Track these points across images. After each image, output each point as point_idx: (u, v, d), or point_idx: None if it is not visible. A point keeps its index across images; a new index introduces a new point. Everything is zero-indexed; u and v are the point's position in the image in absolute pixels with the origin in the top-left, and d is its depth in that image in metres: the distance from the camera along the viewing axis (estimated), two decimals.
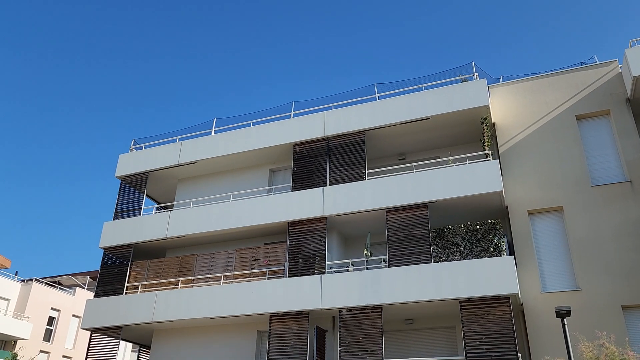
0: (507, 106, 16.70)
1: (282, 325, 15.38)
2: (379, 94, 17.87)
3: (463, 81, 16.85)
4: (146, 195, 20.55)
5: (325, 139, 17.71)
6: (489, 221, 14.80)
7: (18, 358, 25.62)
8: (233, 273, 16.99)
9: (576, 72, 16.40)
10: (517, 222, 15.01)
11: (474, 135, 16.87)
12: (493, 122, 16.54)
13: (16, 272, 36.61)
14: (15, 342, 32.41)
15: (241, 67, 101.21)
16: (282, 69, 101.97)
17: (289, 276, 15.92)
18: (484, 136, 15.73)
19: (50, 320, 35.24)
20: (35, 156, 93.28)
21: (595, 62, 16.39)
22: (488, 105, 15.79)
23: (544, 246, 14.77)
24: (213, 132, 20.13)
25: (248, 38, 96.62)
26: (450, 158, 16.27)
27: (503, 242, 14.40)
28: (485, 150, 15.50)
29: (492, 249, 14.32)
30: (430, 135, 17.24)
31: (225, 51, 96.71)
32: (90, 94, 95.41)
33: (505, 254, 14.22)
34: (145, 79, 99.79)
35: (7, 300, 33.73)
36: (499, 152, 16.12)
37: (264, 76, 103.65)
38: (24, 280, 35.38)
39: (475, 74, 16.75)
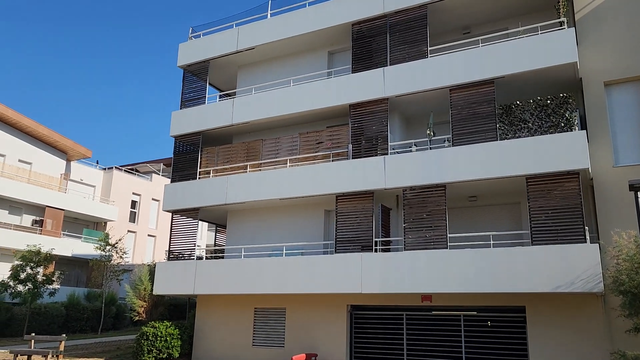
0: None
1: (348, 204, 16.03)
2: None
3: None
4: (209, 83, 20.87)
5: (384, 16, 16.90)
6: (561, 95, 14.12)
7: (110, 237, 28.48)
8: (298, 156, 17.52)
9: None
10: (591, 94, 14.20)
11: (547, 1, 15.52)
12: None
13: (97, 161, 39.45)
14: (105, 223, 35.87)
15: None
16: None
17: (352, 158, 16.24)
18: (559, 2, 14.45)
19: (133, 204, 38.41)
20: (104, 51, 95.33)
21: None
22: None
23: (619, 119, 14.04)
24: (269, 15, 19.65)
25: None
26: (520, 29, 15.22)
27: (575, 116, 13.82)
28: (559, 18, 14.34)
29: (562, 124, 13.82)
30: (498, 4, 16.02)
31: None
32: None
33: (576, 128, 13.72)
34: None
35: (93, 186, 36.80)
36: (575, 20, 14.85)
37: None
38: (105, 169, 38.18)
39: None
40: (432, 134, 15.66)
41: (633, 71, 13.89)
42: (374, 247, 15.22)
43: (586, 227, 12.73)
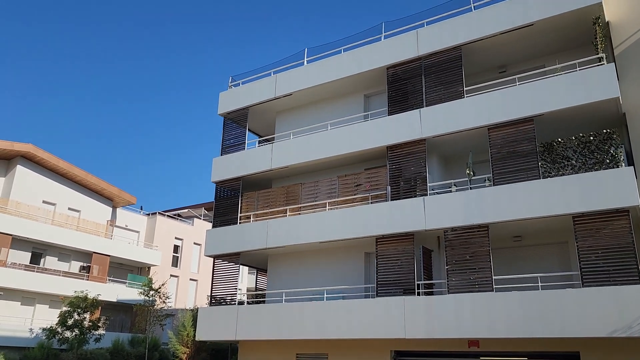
0: (623, 1, 14.93)
1: (388, 246, 15.87)
2: (475, 4, 16.71)
3: None
4: (248, 129, 21.44)
5: (419, 58, 17.12)
6: (604, 131, 13.80)
7: (153, 282, 28.92)
8: (337, 199, 17.59)
9: None
10: (636, 129, 13.83)
11: (584, 38, 15.42)
12: (607, 21, 14.94)
13: (141, 207, 40.56)
14: (149, 268, 36.53)
15: None
16: None
17: (391, 200, 16.17)
18: (596, 38, 14.33)
19: (175, 248, 39.07)
20: (148, 103, 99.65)
21: None
22: (601, 2, 14.21)
23: None
24: (305, 62, 20.20)
25: None
26: (558, 66, 15.10)
27: (620, 152, 13.45)
28: (598, 54, 14.18)
29: (608, 161, 13.45)
30: (534, 42, 16.00)
31: None
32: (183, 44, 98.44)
33: (623, 164, 13.32)
34: (238, 19, 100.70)
35: (137, 232, 37.73)
36: (614, 55, 14.65)
37: (350, 1, 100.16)
38: (148, 214, 39.19)
39: None
40: (472, 173, 15.49)
41: None
42: (416, 291, 14.92)
43: None
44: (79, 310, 25.10)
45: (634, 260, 12.21)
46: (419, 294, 14.95)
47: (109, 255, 33.51)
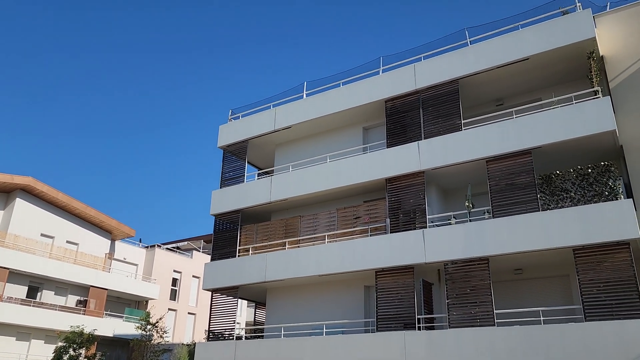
0: (616, 36, 15.21)
1: (388, 279, 15.71)
2: (471, 39, 17.01)
3: (564, 14, 15.51)
4: (247, 162, 21.52)
5: (416, 92, 17.32)
6: (602, 163, 13.85)
7: (151, 316, 28.52)
8: (336, 232, 17.51)
9: None
10: (634, 161, 13.87)
11: (579, 72, 15.63)
12: (601, 55, 15.18)
13: (140, 239, 40.32)
14: (147, 301, 36.07)
15: (327, 27, 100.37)
16: (365, 26, 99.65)
17: (390, 232, 16.10)
18: (591, 72, 14.53)
19: (174, 282, 38.68)
20: (146, 138, 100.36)
21: None
22: (595, 37, 14.48)
23: None
24: (304, 95, 20.43)
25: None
26: (554, 99, 15.27)
27: (619, 184, 13.46)
28: (593, 87, 14.35)
29: (607, 193, 13.44)
30: (530, 76, 16.22)
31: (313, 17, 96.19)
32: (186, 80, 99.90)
33: (622, 197, 13.31)
34: (237, 54, 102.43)
35: (136, 265, 37.44)
36: (610, 88, 14.83)
37: (348, 35, 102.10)
38: (147, 247, 38.95)
39: (578, 4, 15.33)
40: (471, 205, 15.47)
41: None
42: (417, 325, 14.70)
43: None
44: (75, 346, 24.69)
45: (636, 294, 12.06)
46: (419, 328, 14.73)
47: (106, 289, 33.14)
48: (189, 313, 38.87)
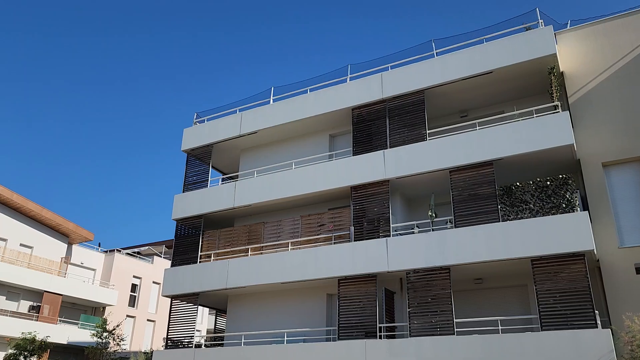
0: (576, 53, 15.70)
1: (351, 288, 15.67)
2: (437, 50, 17.27)
3: (527, 30, 15.93)
4: (212, 166, 21.20)
5: (383, 101, 17.43)
6: (560, 176, 14.20)
7: (107, 323, 27.67)
8: (300, 239, 17.39)
9: None
10: (590, 175, 14.30)
11: (540, 86, 16.05)
12: (561, 71, 15.63)
13: (99, 243, 39.19)
14: (104, 308, 35.02)
15: (294, 36, 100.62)
16: (333, 35, 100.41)
17: (354, 240, 16.09)
18: (551, 87, 14.93)
19: (133, 287, 37.69)
20: (114, 135, 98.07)
21: None
22: (555, 53, 14.90)
23: (620, 199, 14.04)
24: (271, 101, 20.31)
25: (299, 6, 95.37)
26: (516, 112, 15.62)
27: (576, 197, 13.82)
28: (553, 102, 14.75)
29: (564, 205, 13.78)
30: (494, 89, 16.56)
31: (283, 21, 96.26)
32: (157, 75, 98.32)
33: (578, 209, 13.67)
34: (202, 52, 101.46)
35: (93, 270, 36.32)
36: (569, 103, 15.27)
37: (316, 44, 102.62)
38: (106, 251, 37.87)
39: (540, 21, 15.78)
40: (434, 215, 15.61)
41: (629, 152, 14.08)
42: (378, 333, 14.70)
43: (596, 311, 12.32)
44: (26, 353, 23.73)
45: (590, 304, 12.37)
46: (381, 337, 14.73)
47: (61, 295, 31.99)
48: (148, 320, 37.93)
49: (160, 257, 40.76)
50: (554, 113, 14.51)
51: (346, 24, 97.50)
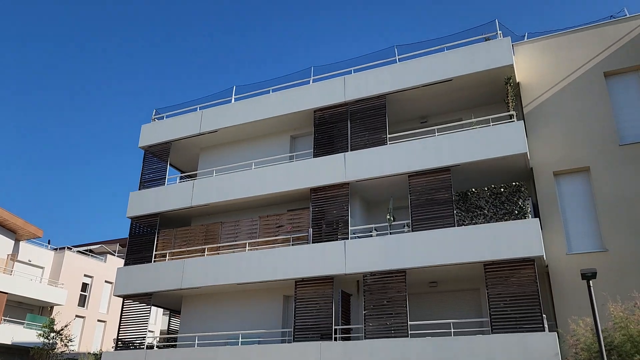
0: (532, 65, 16.22)
1: (308, 289, 15.66)
2: (400, 56, 17.50)
3: (486, 40, 16.35)
4: (170, 164, 20.80)
5: (345, 104, 17.53)
6: (514, 184, 14.62)
7: (55, 323, 26.70)
8: (258, 240, 17.25)
9: (605, 26, 15.76)
10: (542, 183, 14.80)
11: (497, 96, 16.50)
12: (517, 81, 16.12)
13: (49, 240, 37.83)
14: (52, 307, 33.76)
15: (257, 36, 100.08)
16: (300, 34, 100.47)
17: (312, 242, 16.09)
18: (508, 97, 15.37)
19: (84, 287, 36.51)
20: (61, 133, 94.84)
21: (626, 15, 15.70)
22: (512, 64, 15.37)
23: (569, 207, 14.59)
24: (233, 100, 20.09)
25: (263, 6, 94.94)
26: (473, 120, 16.00)
27: (528, 204, 14.26)
28: (509, 111, 15.18)
29: (516, 212, 14.19)
30: (453, 97, 16.91)
31: (243, 20, 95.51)
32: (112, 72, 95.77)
33: (530, 216, 14.10)
34: (163, 51, 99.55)
35: (42, 268, 34.95)
36: (524, 113, 15.76)
37: (281, 44, 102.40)
38: (56, 249, 36.54)
39: (499, 32, 16.24)
40: (392, 218, 15.79)
41: (579, 162, 14.65)
42: (333, 336, 14.73)
43: (544, 315, 12.72)
44: None
45: (538, 309, 12.77)
46: (336, 339, 14.76)
47: (6, 293, 30.58)
48: (99, 320, 36.80)
49: (114, 255, 39.64)
50: (509, 122, 14.93)
51: (307, 27, 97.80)
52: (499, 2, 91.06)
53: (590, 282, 10.49)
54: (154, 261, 18.60)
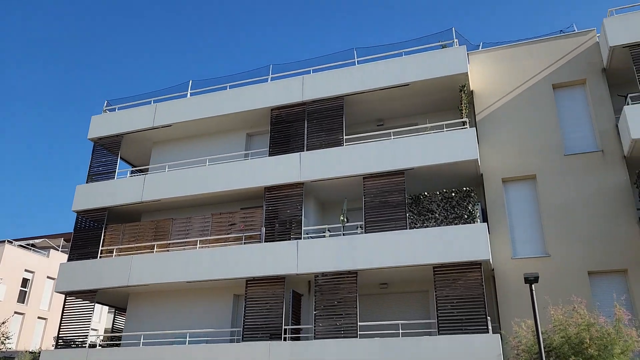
0: (485, 74, 16.68)
1: (258, 289, 15.52)
2: (359, 59, 17.62)
3: (443, 47, 16.70)
4: (120, 158, 20.19)
5: (303, 103, 17.50)
6: (464, 189, 14.97)
7: None
8: (209, 237, 16.97)
9: (554, 40, 16.41)
10: (491, 189, 15.24)
11: (452, 102, 16.86)
12: (471, 89, 16.53)
13: None
14: None
15: (217, 30, 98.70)
16: (260, 30, 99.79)
17: (265, 241, 15.97)
18: (461, 104, 15.74)
19: (25, 282, 34.94)
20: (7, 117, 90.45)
21: (574, 30, 16.38)
22: (467, 72, 15.74)
23: (516, 213, 15.08)
24: (189, 94, 19.70)
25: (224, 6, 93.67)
26: (427, 125, 16.28)
27: (477, 209, 14.63)
28: (462, 118, 15.54)
29: (466, 216, 14.54)
30: (409, 101, 17.17)
31: (209, 15, 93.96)
32: (64, 53, 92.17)
33: (478, 221, 14.47)
34: (121, 37, 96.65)
35: None
36: (476, 120, 16.18)
37: (240, 41, 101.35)
38: None
39: (456, 40, 16.61)
40: (345, 220, 15.86)
41: (525, 170, 15.18)
42: (283, 336, 14.65)
43: (488, 317, 13.08)
44: None
45: (483, 311, 13.13)
46: (285, 339, 14.69)
47: None
48: (39, 317, 35.28)
49: (58, 250, 38.12)
50: (462, 129, 15.29)
51: (269, 29, 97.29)
52: (459, 11, 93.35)
53: (533, 286, 10.85)
54: (100, 257, 17.99)
